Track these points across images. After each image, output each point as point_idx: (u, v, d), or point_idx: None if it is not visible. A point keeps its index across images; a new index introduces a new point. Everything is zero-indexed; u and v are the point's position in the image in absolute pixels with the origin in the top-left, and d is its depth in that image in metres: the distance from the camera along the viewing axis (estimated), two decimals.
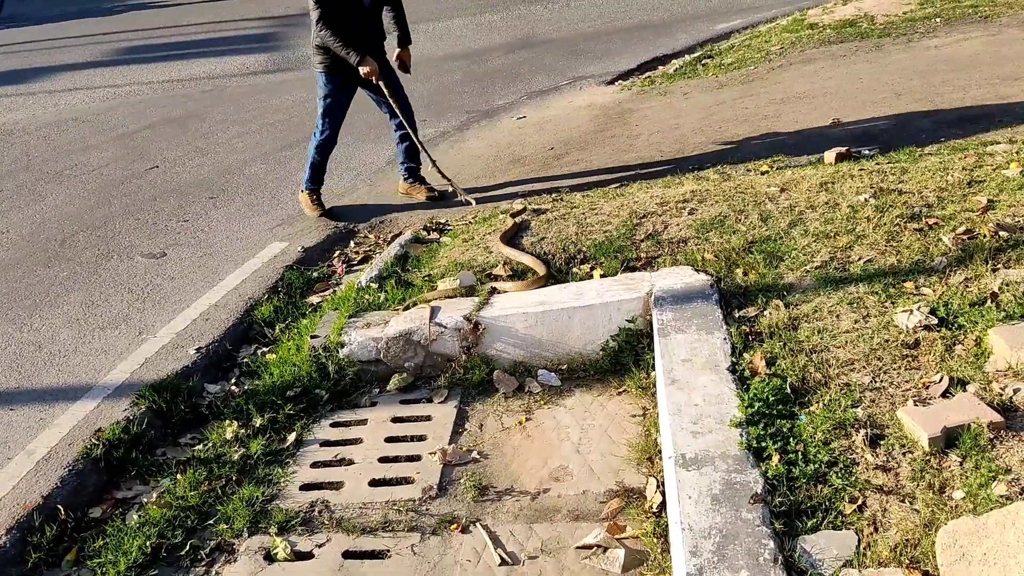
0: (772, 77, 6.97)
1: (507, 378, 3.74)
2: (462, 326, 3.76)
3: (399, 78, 5.69)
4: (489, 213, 5.04)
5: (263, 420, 3.59)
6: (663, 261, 3.90)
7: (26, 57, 11.67)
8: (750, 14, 9.74)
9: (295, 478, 3.31)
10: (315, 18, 5.18)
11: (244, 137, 7.46)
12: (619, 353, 3.66)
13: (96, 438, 3.45)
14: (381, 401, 3.76)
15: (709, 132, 5.93)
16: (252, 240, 5.32)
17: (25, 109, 9.22)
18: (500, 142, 6.62)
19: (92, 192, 6.47)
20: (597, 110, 7.04)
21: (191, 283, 4.83)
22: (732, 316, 3.39)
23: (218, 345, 4.15)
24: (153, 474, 3.36)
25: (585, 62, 8.77)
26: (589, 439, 3.34)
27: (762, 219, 4.02)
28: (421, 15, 12.06)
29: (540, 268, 4.02)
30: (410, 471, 3.28)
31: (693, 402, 2.87)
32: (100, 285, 4.90)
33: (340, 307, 4.15)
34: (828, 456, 2.55)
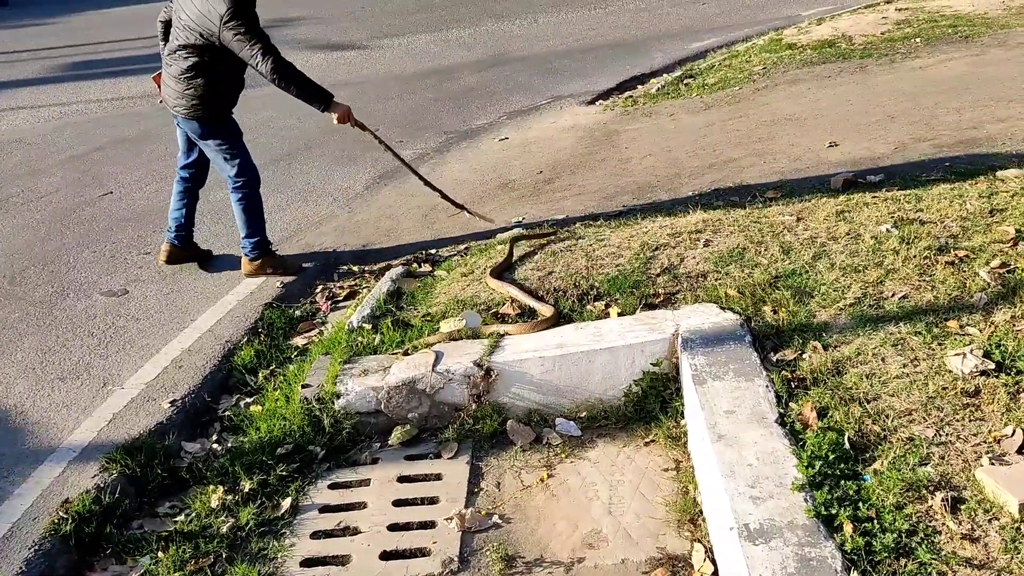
0: (759, 98, 6.82)
1: (522, 428, 3.44)
2: (472, 372, 3.44)
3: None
4: (485, 244, 4.74)
5: (252, 484, 3.23)
6: (683, 298, 3.65)
7: None
8: (723, 33, 9.63)
9: (294, 552, 2.96)
10: (259, 51, 4.20)
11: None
12: (643, 399, 3.39)
13: (64, 511, 3.04)
14: (383, 457, 3.42)
15: (704, 156, 5.73)
16: (224, 274, 4.92)
17: None
18: (484, 165, 6.33)
19: (41, 222, 6.00)
20: (582, 131, 6.79)
21: (159, 324, 4.42)
22: (769, 360, 3.15)
23: (195, 396, 3.77)
24: (130, 551, 2.97)
25: (562, 80, 8.54)
26: (620, 497, 3.06)
27: (783, 251, 3.79)
28: (386, 30, 11.77)
29: (546, 310, 3.72)
30: (425, 540, 2.95)
31: (746, 461, 2.61)
32: (56, 328, 4.47)
33: (332, 351, 3.80)
34: (906, 524, 2.30)
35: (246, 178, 4.64)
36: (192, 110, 4.45)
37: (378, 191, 6.05)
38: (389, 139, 4.62)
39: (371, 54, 10.51)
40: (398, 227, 5.33)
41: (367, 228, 5.38)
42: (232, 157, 4.59)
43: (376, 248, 5.07)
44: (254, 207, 4.69)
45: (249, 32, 4.19)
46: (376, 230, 5.33)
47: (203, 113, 4.46)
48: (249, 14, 4.22)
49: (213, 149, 4.60)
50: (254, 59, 4.21)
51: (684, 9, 11.35)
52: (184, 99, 4.44)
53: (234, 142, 4.60)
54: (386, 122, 7.65)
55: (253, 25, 4.22)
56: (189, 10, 4.27)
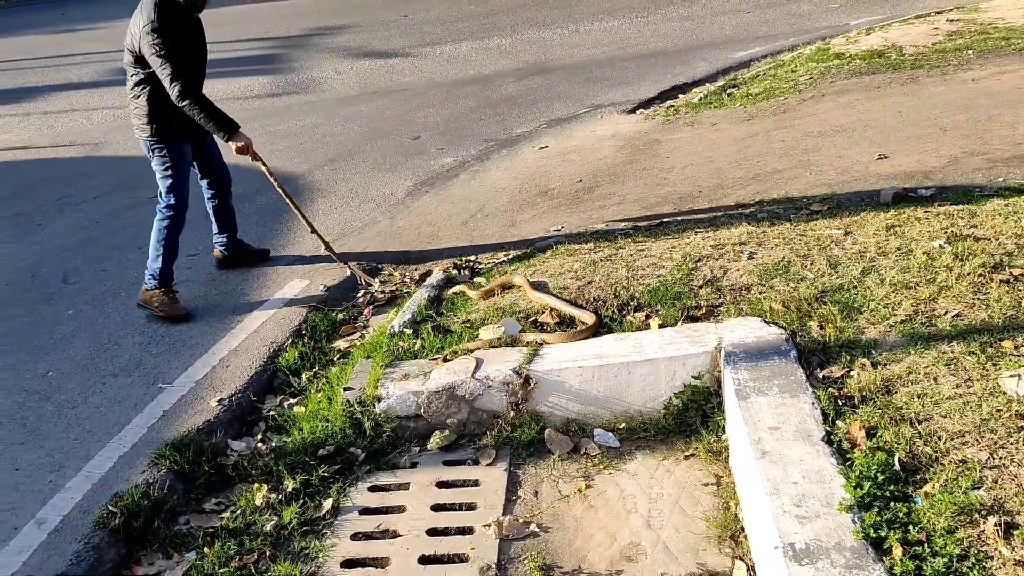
0: (805, 108, 6.74)
1: (560, 438, 3.44)
2: (511, 380, 3.46)
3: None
4: (523, 251, 4.75)
5: (295, 483, 3.27)
6: (726, 311, 3.62)
7: (20, 75, 11.34)
8: (768, 42, 9.54)
9: (335, 553, 2.99)
10: (169, 73, 4.30)
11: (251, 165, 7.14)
12: (684, 412, 3.38)
13: (114, 505, 3.11)
14: (422, 462, 3.45)
15: (747, 166, 5.68)
16: (270, 277, 5.00)
17: (20, 131, 8.89)
18: (524, 173, 6.35)
19: (95, 222, 6.15)
20: (623, 140, 6.78)
21: (207, 325, 4.50)
22: (815, 376, 3.11)
23: (241, 396, 3.83)
24: (177, 546, 3.03)
25: (602, 89, 8.53)
26: (660, 511, 3.04)
27: (830, 265, 3.75)
28: (428, 38, 11.86)
29: (587, 317, 3.72)
30: (463, 546, 2.97)
31: (791, 479, 2.58)
32: (108, 325, 4.57)
33: (374, 355, 3.84)
34: (958, 548, 2.26)
35: (173, 205, 4.63)
36: (139, 129, 4.57)
37: (419, 197, 6.10)
38: (279, 177, 4.73)
39: (413, 62, 10.59)
40: (438, 233, 5.36)
41: (408, 234, 5.42)
42: (166, 180, 4.61)
43: (417, 254, 5.11)
44: (169, 240, 4.64)
45: (165, 50, 4.27)
46: (417, 236, 5.37)
47: (150, 131, 4.53)
48: (169, 33, 4.28)
49: (155, 167, 4.64)
50: (164, 79, 4.32)
51: (728, 18, 11.28)
52: (134, 117, 4.57)
53: (173, 166, 4.60)
54: (427, 130, 7.71)
55: (171, 45, 4.29)
56: (130, 27, 4.41)
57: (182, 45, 4.36)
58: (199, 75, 4.59)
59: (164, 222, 4.62)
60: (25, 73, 11.55)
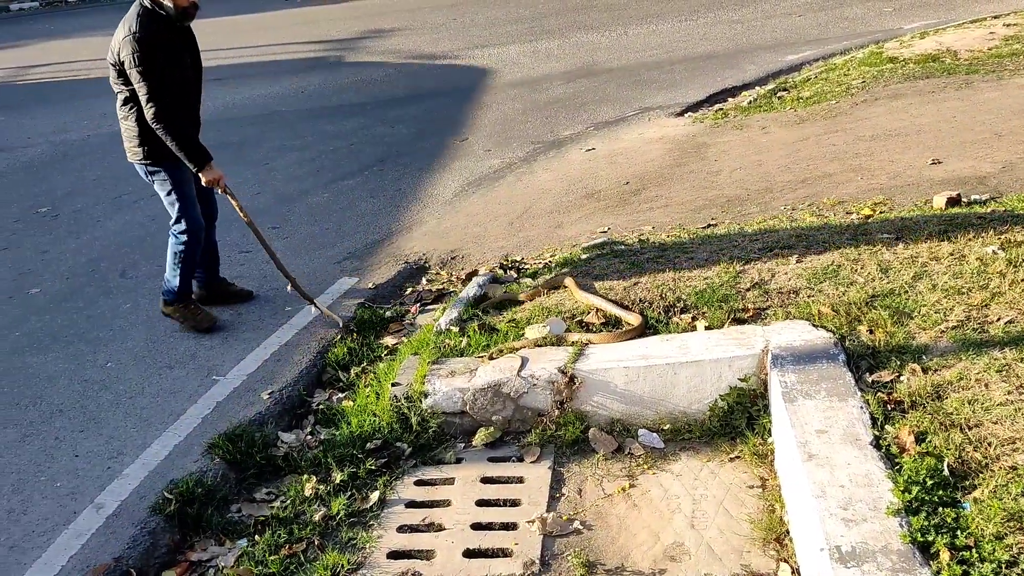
0: (857, 112, 6.66)
1: (604, 437, 3.46)
2: (556, 379, 3.48)
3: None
4: (569, 252, 4.78)
5: (343, 475, 3.34)
6: (774, 314, 3.60)
7: (85, 74, 11.68)
8: (820, 46, 9.43)
9: (381, 544, 3.05)
10: (147, 91, 4.00)
11: (303, 164, 7.30)
12: (729, 414, 3.37)
13: (169, 492, 3.21)
14: (467, 458, 3.49)
15: (797, 170, 5.63)
16: (320, 275, 5.10)
17: (79, 131, 9.16)
18: (571, 175, 6.37)
19: (152, 218, 6.32)
20: (670, 143, 6.77)
21: (260, 320, 4.61)
22: (864, 380, 3.08)
23: (291, 389, 3.92)
24: (229, 533, 3.12)
25: (650, 92, 8.52)
26: (704, 512, 3.04)
27: (881, 270, 3.71)
28: (477, 41, 11.95)
29: (633, 318, 3.74)
30: (507, 541, 3.00)
31: (838, 482, 2.57)
32: (164, 319, 4.69)
33: (421, 352, 3.89)
34: (1007, 555, 2.23)
35: (186, 229, 4.36)
36: (131, 152, 4.29)
37: (467, 198, 6.16)
38: (252, 215, 4.53)
39: (462, 64, 10.68)
40: (485, 234, 5.42)
41: (455, 234, 5.49)
42: (173, 204, 4.35)
43: (464, 254, 5.16)
44: (186, 260, 4.41)
45: (144, 65, 3.97)
46: (463, 236, 5.43)
47: (142, 153, 4.24)
48: (153, 45, 3.98)
49: (158, 190, 4.37)
50: (142, 96, 4.03)
51: (779, 21, 11.17)
52: (125, 140, 4.29)
53: (176, 188, 4.31)
54: (475, 131, 7.78)
55: (153, 60, 3.99)
56: (113, 40, 4.11)
57: (171, 58, 4.08)
58: (194, 88, 4.29)
59: (180, 246, 4.39)
60: (91, 71, 11.90)
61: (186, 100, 4.18)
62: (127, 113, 4.20)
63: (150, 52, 3.97)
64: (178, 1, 4.03)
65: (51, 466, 3.47)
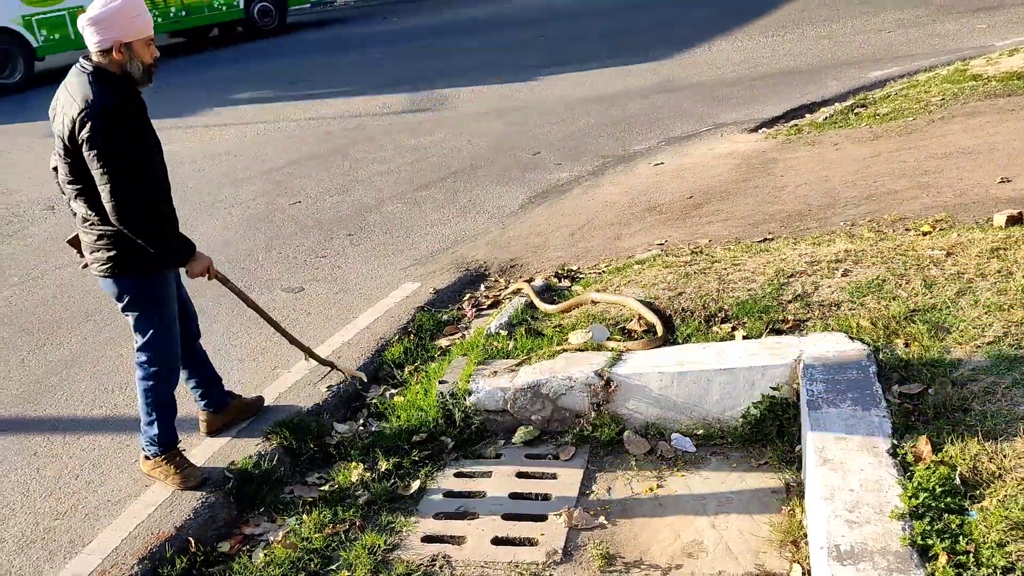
0: (932, 130, 6.55)
1: (638, 440, 3.58)
2: (593, 382, 3.63)
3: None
4: (623, 263, 4.91)
5: (388, 464, 3.57)
6: (813, 325, 3.65)
7: (185, 92, 12.45)
8: (906, 62, 9.24)
9: (417, 528, 3.25)
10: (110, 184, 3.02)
11: (383, 176, 7.64)
12: (761, 422, 3.44)
13: (229, 471, 3.50)
14: (506, 454, 3.67)
15: (862, 186, 5.60)
16: (386, 279, 5.38)
17: (181, 142, 9.78)
18: (636, 188, 6.49)
19: (239, 224, 6.75)
20: (739, 159, 6.80)
21: (326, 319, 4.91)
22: (892, 391, 3.12)
23: (348, 384, 4.17)
24: (280, 512, 3.38)
25: (726, 108, 8.54)
26: (726, 514, 3.13)
27: (926, 285, 3.71)
28: (558, 57, 12.15)
29: (659, 329, 3.85)
30: (534, 532, 3.16)
31: (848, 486, 2.63)
32: (241, 316, 5.04)
33: (469, 353, 4.10)
34: (1004, 561, 2.26)
35: (152, 357, 3.40)
36: (97, 262, 3.28)
37: (532, 210, 6.36)
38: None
39: (543, 80, 10.91)
40: (545, 244, 5.59)
41: (516, 244, 5.68)
42: (142, 325, 3.38)
43: (523, 262, 5.35)
44: (159, 398, 3.44)
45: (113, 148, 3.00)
46: (524, 246, 5.62)
47: (109, 265, 3.26)
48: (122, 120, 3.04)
49: (125, 309, 3.38)
50: (105, 187, 3.04)
51: (867, 37, 10.97)
52: (91, 251, 3.29)
53: (152, 307, 3.37)
54: (548, 145, 7.97)
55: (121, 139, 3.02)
56: (58, 112, 3.14)
57: (145, 133, 3.14)
58: (165, 177, 3.28)
59: (145, 385, 3.41)
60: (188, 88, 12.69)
61: (164, 184, 3.26)
62: (87, 213, 3.19)
63: (120, 128, 3.02)
64: (144, 58, 3.12)
65: (128, 443, 3.82)
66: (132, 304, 3.35)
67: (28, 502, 3.52)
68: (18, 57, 14.36)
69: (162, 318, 3.39)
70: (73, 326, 5.18)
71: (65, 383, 4.50)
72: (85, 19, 3.05)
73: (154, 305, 3.37)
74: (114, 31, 3.03)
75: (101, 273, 3.30)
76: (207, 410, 3.81)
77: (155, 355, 3.40)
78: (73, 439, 3.96)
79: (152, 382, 3.42)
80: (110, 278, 3.30)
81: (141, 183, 3.09)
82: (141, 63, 3.12)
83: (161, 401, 3.45)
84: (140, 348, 3.41)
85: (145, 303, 3.35)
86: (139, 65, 3.12)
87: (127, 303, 3.35)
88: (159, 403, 3.44)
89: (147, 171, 3.13)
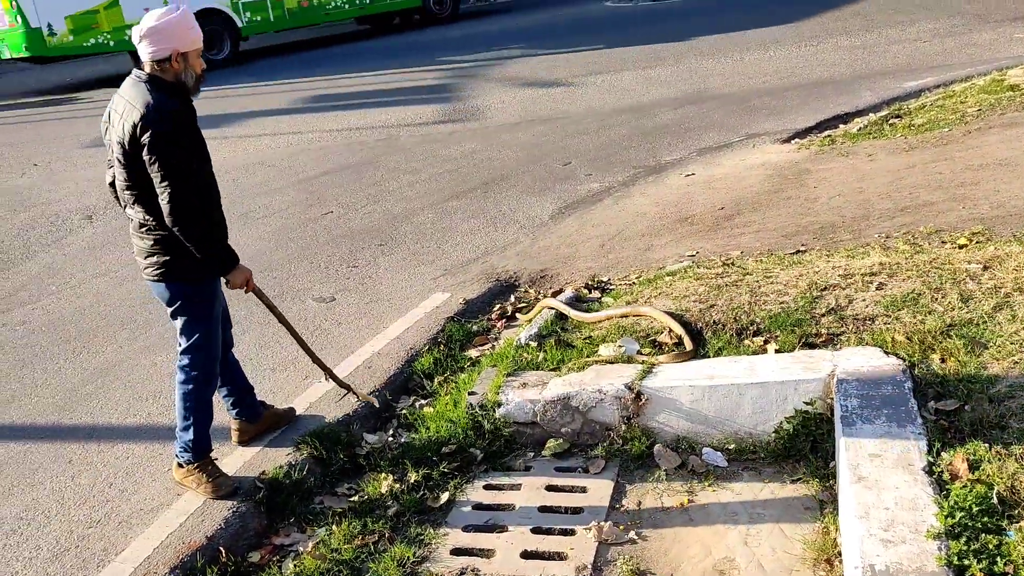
0: (968, 141, 6.45)
1: (669, 453, 3.55)
2: (623, 395, 3.61)
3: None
4: (654, 274, 4.88)
5: (418, 476, 3.58)
6: (847, 339, 3.61)
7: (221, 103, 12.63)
8: (942, 72, 9.12)
9: (446, 541, 3.25)
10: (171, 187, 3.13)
11: (414, 186, 7.68)
12: (794, 437, 3.40)
13: (260, 481, 3.53)
14: (535, 466, 3.66)
15: (897, 198, 5.53)
16: (416, 289, 5.40)
17: (217, 152, 9.84)
18: (667, 199, 6.46)
19: (272, 234, 6.82)
20: (771, 169, 6.74)
21: (356, 329, 4.94)
22: (928, 408, 3.07)
23: (378, 395, 4.19)
24: (310, 522, 3.40)
25: (759, 119, 8.48)
26: (758, 530, 3.09)
27: (962, 299, 3.65)
28: (591, 68, 12.16)
29: (688, 343, 3.82)
30: (563, 546, 3.14)
31: (883, 504, 2.59)
32: (273, 327, 5.07)
33: (499, 364, 4.10)
34: None
35: (195, 361, 3.48)
36: (154, 268, 3.37)
37: (562, 220, 6.35)
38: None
39: (574, 91, 10.92)
40: (575, 255, 5.58)
41: (547, 254, 5.68)
42: (188, 330, 3.48)
43: (553, 273, 5.35)
44: (197, 403, 3.51)
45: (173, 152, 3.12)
46: (555, 257, 5.61)
47: (170, 271, 3.37)
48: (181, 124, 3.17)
49: (175, 314, 3.47)
50: (165, 191, 3.14)
51: (902, 47, 10.85)
52: (146, 256, 3.38)
53: (200, 312, 3.47)
54: (578, 156, 7.97)
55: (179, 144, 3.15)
56: (114, 120, 3.26)
57: (199, 140, 3.27)
58: (215, 185, 3.41)
59: (185, 389, 3.50)
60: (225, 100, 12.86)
61: (215, 192, 3.39)
62: (145, 219, 3.29)
63: (180, 133, 3.15)
64: (197, 68, 3.27)
65: (162, 452, 3.86)
66: (182, 308, 3.46)
67: (63, 509, 3.58)
68: (226, 37, 16.34)
69: (208, 324, 3.50)
70: (109, 334, 5.26)
71: (100, 391, 4.57)
72: (143, 30, 3.16)
73: (203, 310, 3.48)
74: (173, 41, 3.17)
75: (154, 278, 3.40)
76: (239, 419, 3.87)
77: (198, 359, 3.50)
78: (107, 447, 4.01)
79: (192, 386, 3.50)
80: (163, 283, 3.40)
81: (195, 189, 3.21)
82: (194, 72, 3.26)
83: (199, 406, 3.52)
84: (184, 351, 3.50)
85: (195, 308, 3.46)
86: (192, 74, 3.26)
87: (178, 307, 3.46)
88: (197, 408, 3.52)
89: (200, 177, 3.26)
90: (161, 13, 3.18)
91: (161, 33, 3.15)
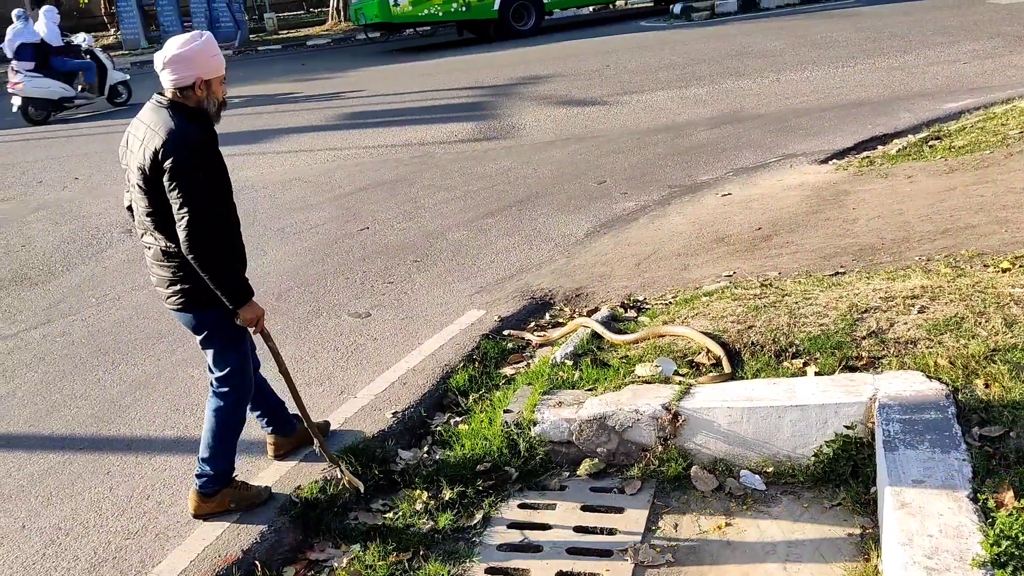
0: (1011, 163, 6.35)
1: (706, 475, 3.52)
2: (660, 415, 3.58)
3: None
4: (691, 294, 4.85)
5: (452, 493, 3.57)
6: (888, 363, 3.55)
7: (257, 119, 12.82)
8: (982, 94, 9.01)
9: (481, 560, 3.25)
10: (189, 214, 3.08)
11: (449, 203, 7.73)
12: (834, 461, 3.35)
13: (295, 496, 3.55)
14: (571, 486, 3.64)
15: (937, 220, 5.45)
16: (451, 306, 5.42)
17: (255, 168, 10.06)
18: (703, 219, 6.43)
19: (308, 249, 6.89)
20: (809, 190, 6.69)
21: (392, 345, 4.96)
22: (972, 434, 3.01)
23: (413, 411, 4.20)
24: (345, 538, 3.41)
25: (796, 139, 8.42)
26: (798, 556, 3.05)
27: (1006, 324, 3.58)
28: (627, 87, 12.18)
29: (726, 365, 3.79)
30: (599, 568, 3.12)
31: (927, 532, 2.54)
32: (309, 341, 5.14)
33: (534, 383, 4.09)
34: None
35: (231, 389, 3.46)
36: (175, 295, 3.34)
37: (597, 239, 6.35)
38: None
39: (610, 110, 10.93)
40: (611, 273, 5.57)
41: (582, 273, 5.67)
42: (220, 359, 3.45)
43: (588, 292, 5.34)
44: (229, 427, 3.50)
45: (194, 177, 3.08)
46: (590, 275, 5.60)
47: (192, 299, 3.32)
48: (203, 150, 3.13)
49: (205, 342, 3.45)
50: (183, 217, 3.08)
51: (941, 68, 10.74)
52: (168, 285, 3.34)
53: (230, 338, 3.43)
54: (614, 174, 7.97)
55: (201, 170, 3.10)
56: (132, 145, 3.23)
57: (222, 168, 3.20)
58: (235, 212, 3.31)
59: (219, 412, 3.48)
60: (263, 116, 13.06)
61: (235, 220, 3.31)
62: (166, 244, 3.24)
63: (201, 160, 3.11)
64: (219, 95, 3.25)
65: None
66: (211, 338, 3.42)
67: (100, 520, 3.62)
68: (532, 10, 19.67)
69: (240, 349, 3.47)
70: (147, 347, 5.34)
71: (138, 403, 4.63)
72: (166, 57, 3.15)
73: (232, 336, 3.43)
74: (196, 68, 3.15)
75: (178, 307, 3.35)
76: (274, 434, 3.89)
77: (234, 386, 3.47)
78: (145, 459, 4.06)
79: (228, 411, 3.48)
80: (189, 312, 3.36)
81: (216, 215, 3.15)
82: (216, 100, 3.24)
83: (232, 430, 3.51)
84: (219, 379, 3.46)
85: (224, 335, 3.41)
86: (215, 101, 3.23)
87: (205, 336, 3.42)
88: (229, 432, 3.50)
89: (220, 204, 3.19)
90: (185, 40, 3.16)
91: (185, 61, 3.13)
